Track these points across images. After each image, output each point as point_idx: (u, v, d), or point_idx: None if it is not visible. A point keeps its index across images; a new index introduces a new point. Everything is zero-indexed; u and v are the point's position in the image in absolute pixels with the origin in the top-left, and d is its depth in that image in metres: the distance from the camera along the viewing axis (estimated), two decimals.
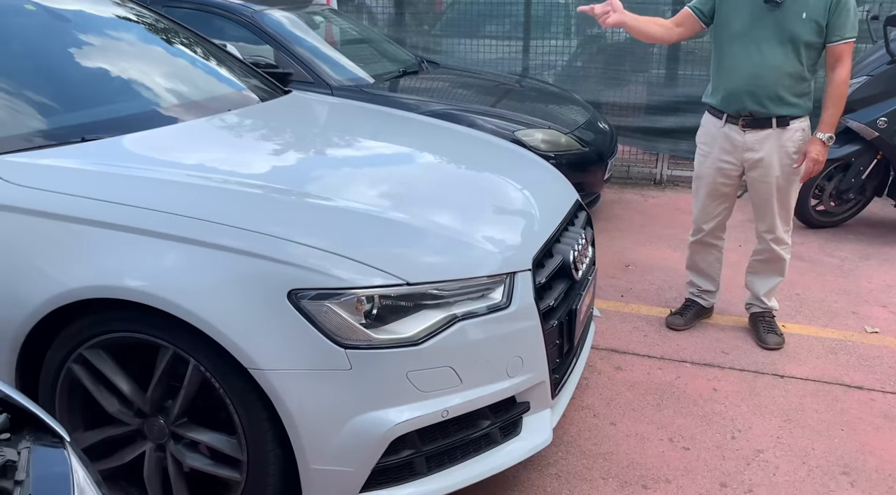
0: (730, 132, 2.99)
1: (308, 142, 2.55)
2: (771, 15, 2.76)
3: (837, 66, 2.81)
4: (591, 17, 5.95)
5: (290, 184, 2.05)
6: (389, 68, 4.98)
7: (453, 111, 4.30)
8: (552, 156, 4.32)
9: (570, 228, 2.49)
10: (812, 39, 2.76)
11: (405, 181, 2.29)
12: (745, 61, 2.85)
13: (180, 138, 2.33)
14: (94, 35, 2.73)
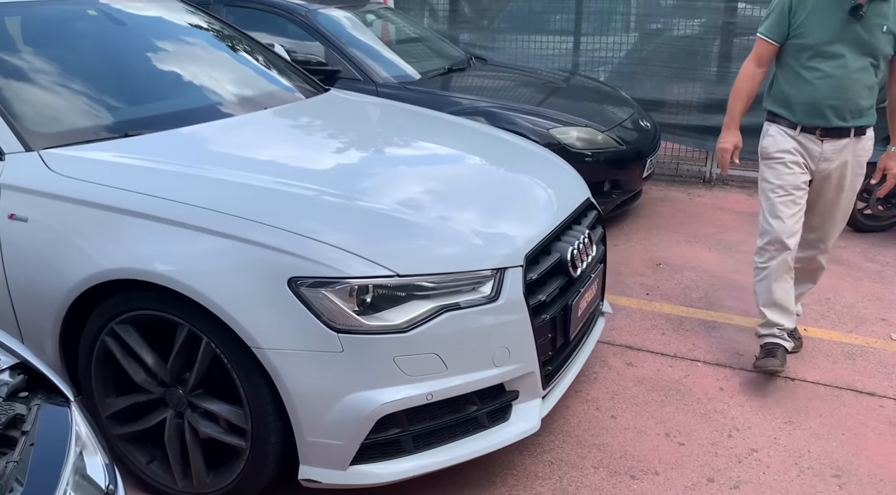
0: (806, 141, 2.88)
1: (330, 138, 2.74)
2: (853, 28, 2.70)
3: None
4: (649, 13, 5.99)
5: (302, 180, 2.23)
6: (437, 65, 5.13)
7: (492, 108, 4.43)
8: (589, 153, 4.40)
9: (575, 227, 2.59)
10: (890, 51, 2.75)
11: (409, 177, 2.45)
12: (829, 75, 2.77)
13: (211, 134, 2.55)
14: (143, 37, 2.99)
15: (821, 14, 2.75)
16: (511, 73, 5.47)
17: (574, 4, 6.04)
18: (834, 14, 2.72)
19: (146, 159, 2.27)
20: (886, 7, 2.70)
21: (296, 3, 4.96)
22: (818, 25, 2.75)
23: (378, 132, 2.95)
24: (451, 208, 2.28)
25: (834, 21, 2.72)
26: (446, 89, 4.71)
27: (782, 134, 2.92)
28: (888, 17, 2.69)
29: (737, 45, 5.59)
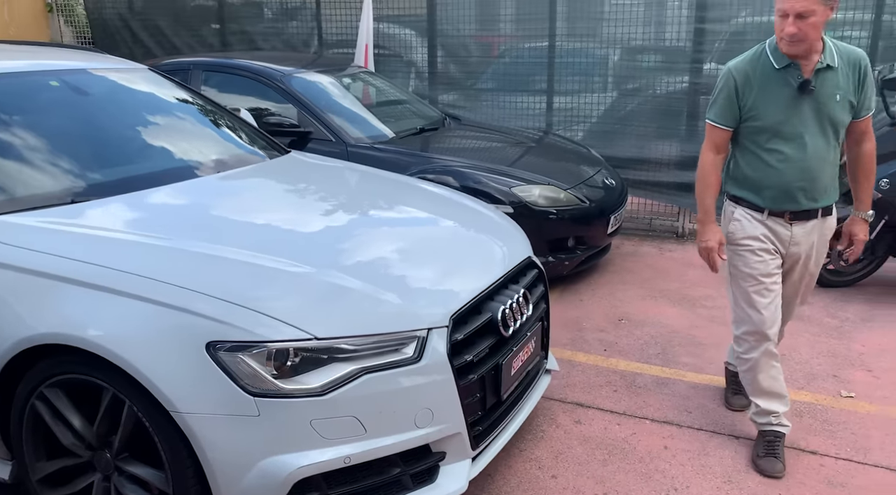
0: (774, 225, 2.72)
1: (271, 201, 2.82)
2: (806, 103, 2.56)
3: (866, 139, 2.71)
4: (627, 73, 6.14)
5: (231, 243, 2.30)
6: (411, 125, 5.25)
7: (458, 167, 4.53)
8: (553, 211, 4.48)
9: (511, 286, 2.65)
10: (846, 120, 2.62)
11: (340, 238, 2.51)
12: (792, 157, 2.61)
13: (155, 200, 2.62)
14: (102, 106, 3.12)
15: (770, 93, 2.60)
16: (483, 133, 5.60)
17: (536, 68, 6.21)
18: (783, 92, 2.58)
19: (84, 226, 2.35)
20: (835, 75, 2.56)
21: (272, 67, 5.13)
22: (770, 106, 2.60)
23: (322, 194, 3.03)
24: (379, 269, 2.34)
25: (785, 99, 2.58)
26: (416, 148, 4.83)
27: (749, 218, 2.74)
28: (839, 85, 2.56)
29: (702, 103, 5.72)
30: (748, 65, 2.65)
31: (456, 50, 6.70)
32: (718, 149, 2.76)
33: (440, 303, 2.28)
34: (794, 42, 2.48)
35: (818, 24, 2.45)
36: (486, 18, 6.45)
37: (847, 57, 2.58)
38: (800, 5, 2.42)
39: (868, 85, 2.61)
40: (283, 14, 7.02)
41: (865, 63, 2.60)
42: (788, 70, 2.57)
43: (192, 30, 7.35)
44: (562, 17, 6.04)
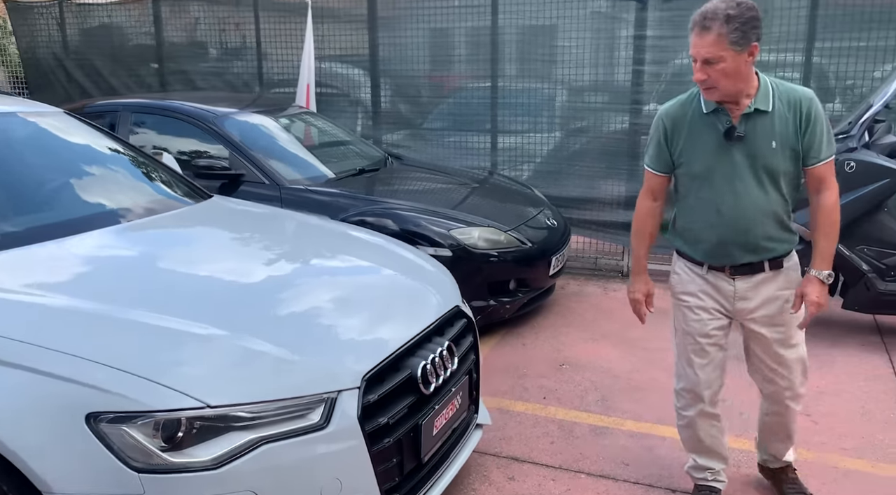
0: (715, 280, 2.51)
1: (175, 251, 2.67)
2: (738, 150, 2.36)
3: (823, 189, 2.39)
4: (570, 114, 6.13)
5: (118, 301, 2.13)
6: (351, 166, 5.15)
7: (395, 209, 4.42)
8: (493, 253, 4.40)
9: (435, 339, 2.53)
10: (790, 168, 2.37)
11: (254, 291, 2.37)
12: (724, 207, 2.41)
13: (49, 253, 2.44)
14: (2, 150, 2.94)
15: (698, 139, 2.42)
16: (425, 173, 5.53)
17: (479, 108, 6.18)
18: (711, 137, 2.39)
19: None
20: (768, 121, 2.34)
21: (204, 109, 4.99)
22: (699, 152, 2.42)
23: (237, 243, 2.89)
24: (289, 326, 2.20)
25: (713, 145, 2.39)
26: (355, 190, 4.71)
27: (688, 272, 2.57)
28: (775, 131, 2.33)
29: (641, 144, 5.74)
30: (679, 109, 2.49)
31: (401, 89, 6.66)
32: (654, 196, 2.62)
33: (353, 361, 2.15)
34: (706, 89, 2.32)
35: (730, 72, 2.25)
36: (431, 58, 6.43)
37: (787, 99, 2.34)
38: (705, 51, 2.24)
39: (816, 129, 2.33)
40: (224, 54, 6.91)
41: (808, 104, 2.33)
42: (717, 115, 2.39)
43: (130, 70, 7.18)
44: (504, 58, 6.04)
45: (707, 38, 2.23)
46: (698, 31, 2.25)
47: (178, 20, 6.95)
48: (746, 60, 2.27)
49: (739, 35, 2.21)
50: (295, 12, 6.53)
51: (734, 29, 2.20)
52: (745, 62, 2.27)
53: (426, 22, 6.21)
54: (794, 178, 2.42)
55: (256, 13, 6.63)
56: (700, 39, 2.25)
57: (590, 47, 5.80)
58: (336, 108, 6.87)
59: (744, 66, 2.27)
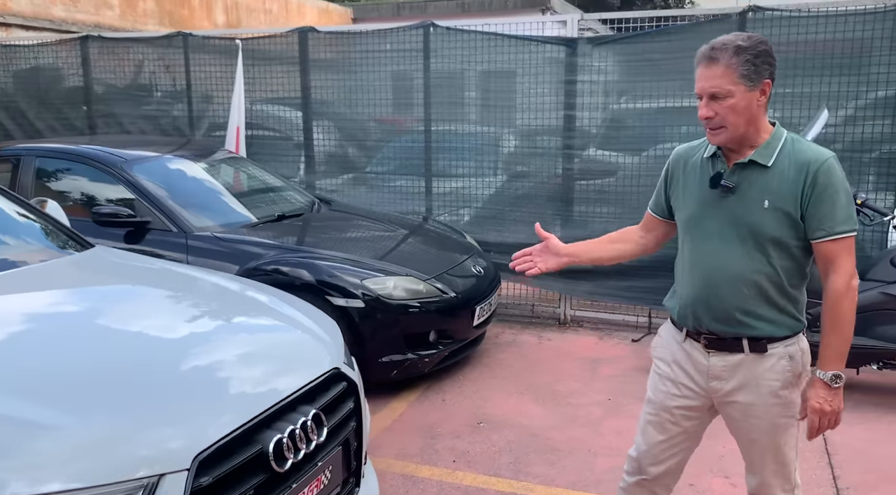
0: (692, 350, 2.22)
1: (33, 309, 2.41)
2: (724, 203, 2.09)
3: (830, 272, 2.03)
4: (509, 157, 5.98)
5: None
6: (271, 212, 4.92)
7: (305, 258, 4.20)
8: (413, 303, 4.19)
9: (301, 408, 2.28)
10: (783, 236, 2.04)
11: (91, 355, 2.12)
12: (699, 261, 2.15)
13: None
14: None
15: (691, 183, 2.19)
16: (352, 219, 5.33)
17: (414, 152, 6.03)
18: (701, 185, 2.15)
19: None
20: (766, 176, 2.04)
21: (112, 153, 4.76)
22: (689, 197, 2.19)
23: (96, 300, 2.64)
24: (110, 398, 1.94)
25: (703, 193, 2.14)
26: (269, 238, 4.48)
27: (669, 336, 2.31)
28: (770, 190, 2.03)
29: (576, 189, 5.61)
30: (688, 151, 2.27)
31: (337, 133, 6.50)
32: (644, 227, 2.43)
33: (184, 438, 1.90)
34: (712, 129, 2.05)
35: (740, 109, 2.00)
36: (366, 102, 6.29)
37: (797, 158, 2.02)
38: (711, 84, 2.00)
39: (825, 197, 1.99)
40: (154, 97, 6.70)
41: (817, 168, 1.99)
42: (713, 160, 2.15)
43: (57, 112, 6.94)
44: (437, 102, 5.92)
45: (714, 70, 1.99)
46: (705, 64, 2.01)
47: (107, 62, 6.75)
48: (758, 100, 2.02)
49: (751, 68, 1.98)
50: (228, 53, 6.37)
51: (745, 61, 1.97)
52: (756, 101, 2.01)
53: (359, 65, 6.09)
54: (792, 250, 2.06)
55: (186, 55, 6.45)
56: (706, 71, 2.01)
57: (521, 92, 5.70)
58: (274, 151, 6.66)
59: (755, 105, 2.02)
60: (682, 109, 5.20)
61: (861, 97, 4.68)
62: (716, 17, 5.11)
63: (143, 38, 6.72)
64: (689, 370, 2.22)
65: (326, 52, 6.18)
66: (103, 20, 10.62)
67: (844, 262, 2.02)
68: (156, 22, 11.66)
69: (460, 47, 5.72)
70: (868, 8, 4.59)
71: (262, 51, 6.32)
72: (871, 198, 4.10)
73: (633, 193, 5.32)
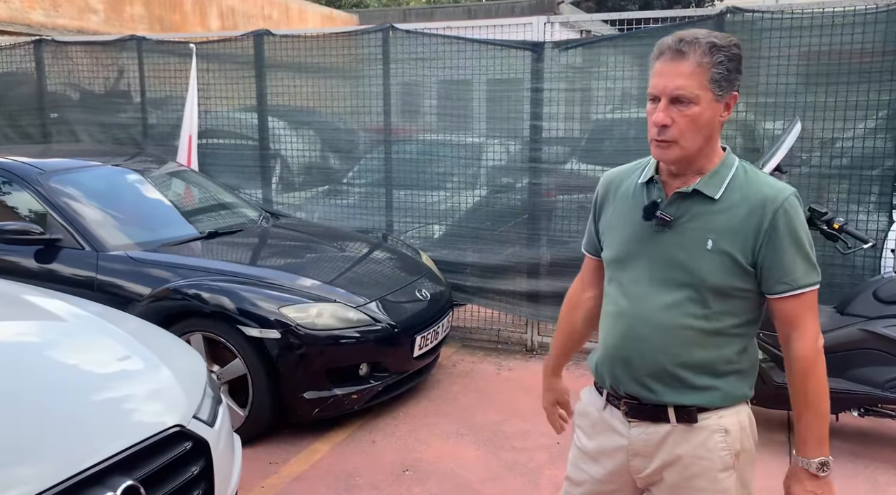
0: (611, 418, 1.82)
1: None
2: (659, 240, 1.70)
3: (793, 334, 1.66)
4: (474, 170, 5.51)
5: None
6: (203, 228, 4.53)
7: (219, 281, 3.78)
8: (338, 334, 3.77)
9: (110, 480, 1.88)
10: (727, 284, 1.65)
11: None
12: (621, 309, 1.76)
13: None
14: None
15: (621, 214, 1.79)
16: (295, 234, 4.94)
17: (384, 165, 5.62)
18: (633, 213, 1.75)
19: None
20: (712, 212, 1.65)
21: (29, 164, 4.39)
22: (617, 231, 1.79)
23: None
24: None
25: (633, 225, 1.74)
26: (186, 257, 4.08)
27: (589, 401, 1.92)
28: (715, 228, 1.64)
29: (544, 205, 5.17)
30: (622, 174, 1.85)
31: (299, 142, 6.11)
32: (585, 282, 2.00)
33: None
34: (662, 141, 1.63)
35: (702, 122, 1.60)
36: (328, 110, 5.91)
37: (749, 192, 1.64)
38: (676, 84, 1.58)
39: (783, 243, 1.61)
40: (107, 103, 6.38)
41: (776, 207, 1.61)
42: (650, 187, 1.74)
43: (11, 119, 6.64)
44: (397, 111, 5.53)
45: (681, 67, 1.58)
46: (670, 57, 1.60)
47: (62, 67, 6.44)
48: (721, 115, 1.64)
49: (723, 73, 1.59)
50: (185, 55, 6.02)
51: (719, 62, 1.58)
52: (719, 116, 1.64)
53: (317, 70, 5.71)
54: (738, 302, 1.67)
55: (140, 60, 6.12)
56: (671, 67, 1.59)
57: (486, 100, 5.29)
58: (232, 161, 6.26)
59: (717, 121, 1.64)
60: None
61: (856, 109, 4.19)
62: (691, 19, 4.66)
63: (96, 41, 6.39)
64: (607, 442, 1.82)
65: (284, 56, 5.80)
66: (87, 25, 10.38)
67: (810, 322, 1.66)
68: (145, 27, 11.40)
69: (422, 51, 5.31)
70: (859, 8, 4.12)
71: (216, 55, 5.95)
72: (851, 221, 3.63)
73: None
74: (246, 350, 3.64)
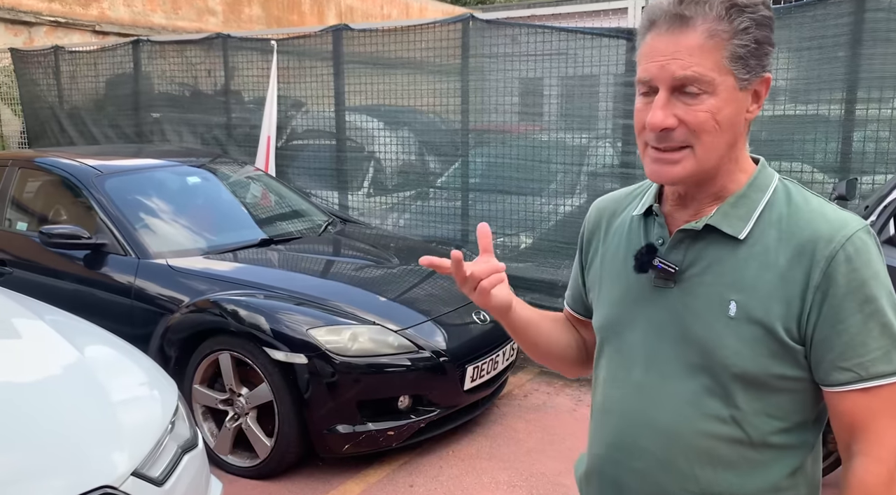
0: None
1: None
2: (661, 300, 1.16)
3: (858, 447, 1.07)
4: (588, 175, 4.89)
5: None
6: (255, 236, 4.26)
7: (247, 297, 3.45)
8: (380, 361, 3.34)
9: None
10: (761, 370, 1.08)
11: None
12: (610, 405, 1.24)
13: None
14: None
15: (613, 260, 1.26)
16: (353, 244, 4.56)
17: (464, 169, 5.14)
18: (627, 263, 1.21)
19: None
20: (736, 257, 1.11)
21: (87, 165, 4.29)
22: (606, 286, 1.26)
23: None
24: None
25: (625, 279, 1.22)
26: (224, 269, 3.79)
27: None
28: (742, 283, 1.09)
29: None
30: (616, 203, 1.32)
31: (391, 144, 5.77)
32: (564, 325, 1.46)
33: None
34: (666, 152, 1.08)
35: (723, 119, 1.06)
36: (417, 109, 5.52)
37: (793, 227, 1.09)
38: (680, 64, 1.04)
39: (845, 307, 1.05)
40: (196, 104, 6.33)
41: (834, 251, 1.05)
42: (647, 221, 1.22)
43: (110, 119, 6.78)
44: (479, 109, 5.02)
45: (686, 40, 1.04)
46: (667, 27, 1.05)
47: (155, 66, 6.47)
48: (749, 109, 1.10)
49: (750, 47, 1.05)
50: (269, 52, 5.83)
51: (743, 29, 1.04)
52: (745, 114, 1.09)
53: (394, 65, 5.32)
54: (782, 397, 1.10)
55: (226, 57, 6.00)
56: (669, 41, 1.05)
57: (600, 96, 4.66)
58: (316, 163, 6.00)
59: (743, 119, 1.10)
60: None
61: None
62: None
63: (185, 40, 6.36)
64: None
65: (365, 51, 5.45)
66: (205, 27, 10.64)
67: (885, 430, 1.05)
68: (262, 28, 11.58)
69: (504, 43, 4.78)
70: None
71: (297, 50, 5.71)
72: None
73: None
74: (272, 374, 3.29)
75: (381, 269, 4.17)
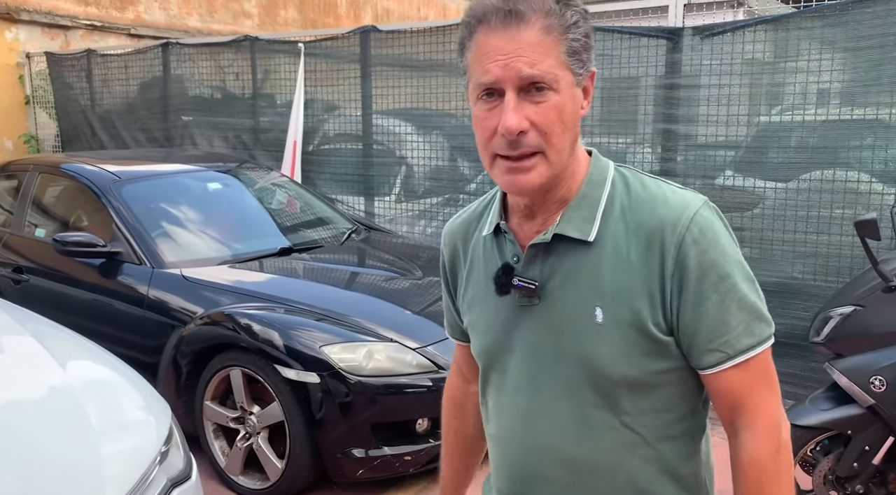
0: None
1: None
2: (528, 322, 1.13)
3: (740, 423, 1.09)
4: None
5: None
6: (275, 244, 4.11)
7: (257, 311, 3.29)
8: (397, 381, 3.16)
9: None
10: (640, 369, 1.07)
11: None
12: (505, 434, 1.21)
13: None
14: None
15: (477, 284, 1.21)
16: (375, 254, 4.38)
17: None
18: (489, 286, 1.17)
19: None
20: (590, 261, 1.08)
21: (106, 171, 4.20)
22: (478, 311, 1.22)
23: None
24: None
25: (492, 302, 1.17)
26: (237, 280, 3.63)
27: None
28: (601, 288, 1.07)
29: None
30: (465, 225, 1.27)
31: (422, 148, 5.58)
32: (464, 374, 1.41)
33: None
34: (518, 160, 1.03)
35: (567, 116, 1.03)
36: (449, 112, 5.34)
37: (639, 217, 1.07)
38: (524, 62, 1.00)
39: (702, 287, 1.04)
40: (224, 107, 6.23)
41: (682, 234, 1.04)
42: (499, 240, 1.17)
43: (140, 123, 6.73)
44: None
45: (525, 35, 1.00)
46: (501, 23, 1.01)
47: (185, 70, 6.40)
48: (583, 106, 1.09)
49: (581, 41, 1.04)
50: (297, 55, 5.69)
51: (574, 24, 1.03)
52: (580, 109, 1.08)
53: (424, 67, 5.13)
54: (666, 391, 1.09)
55: (253, 60, 5.89)
56: (507, 37, 1.01)
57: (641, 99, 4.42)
58: (343, 168, 5.84)
59: (579, 117, 1.08)
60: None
61: None
62: None
63: (213, 43, 6.28)
64: None
65: (393, 53, 5.28)
66: (241, 30, 10.60)
67: (763, 401, 1.09)
68: (298, 30, 11.53)
69: None
70: None
71: (325, 53, 5.57)
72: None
73: (776, 232, 3.86)
74: (283, 393, 3.12)
75: (404, 281, 3.97)
